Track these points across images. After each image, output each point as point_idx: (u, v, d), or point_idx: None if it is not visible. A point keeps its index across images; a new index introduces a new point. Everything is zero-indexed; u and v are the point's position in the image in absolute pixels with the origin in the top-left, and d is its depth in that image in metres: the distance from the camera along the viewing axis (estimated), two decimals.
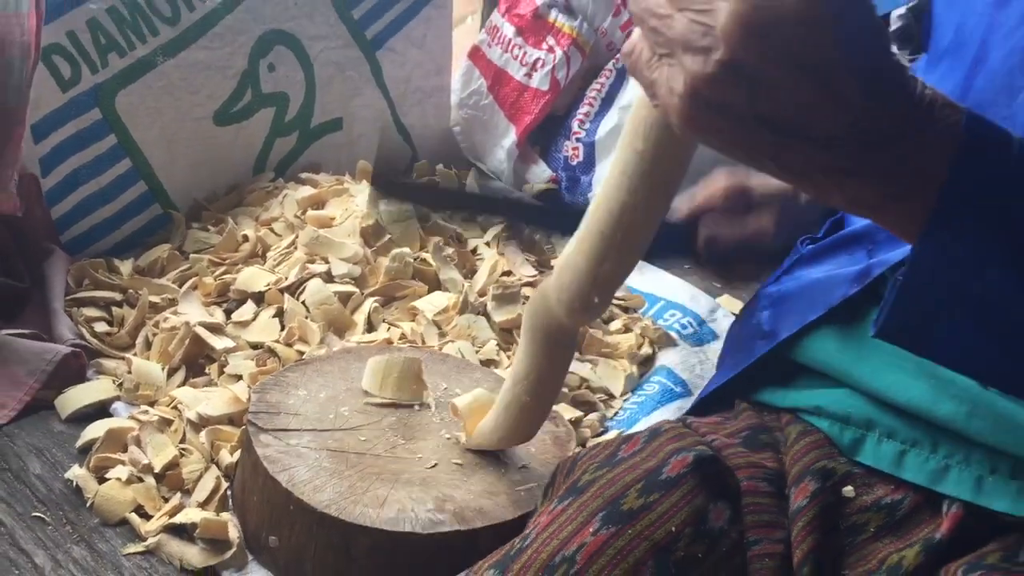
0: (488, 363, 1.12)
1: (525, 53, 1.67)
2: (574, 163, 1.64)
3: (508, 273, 1.28)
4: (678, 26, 0.47)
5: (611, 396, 1.16)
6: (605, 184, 0.63)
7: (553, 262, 1.23)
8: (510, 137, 1.67)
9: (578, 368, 1.17)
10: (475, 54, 1.73)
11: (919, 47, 0.92)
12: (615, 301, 1.33)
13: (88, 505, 0.94)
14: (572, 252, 0.67)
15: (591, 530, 0.69)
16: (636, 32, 0.51)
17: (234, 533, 0.90)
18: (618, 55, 1.68)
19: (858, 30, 0.46)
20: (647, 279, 1.41)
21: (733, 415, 0.85)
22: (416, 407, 0.95)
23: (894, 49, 0.50)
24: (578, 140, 1.64)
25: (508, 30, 1.69)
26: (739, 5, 0.44)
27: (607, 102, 1.64)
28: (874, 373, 0.76)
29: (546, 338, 0.76)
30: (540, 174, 1.66)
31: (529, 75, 1.66)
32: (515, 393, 0.81)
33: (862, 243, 0.83)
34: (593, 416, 1.12)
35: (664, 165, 0.58)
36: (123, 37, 1.29)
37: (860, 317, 0.80)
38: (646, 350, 1.24)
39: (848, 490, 0.75)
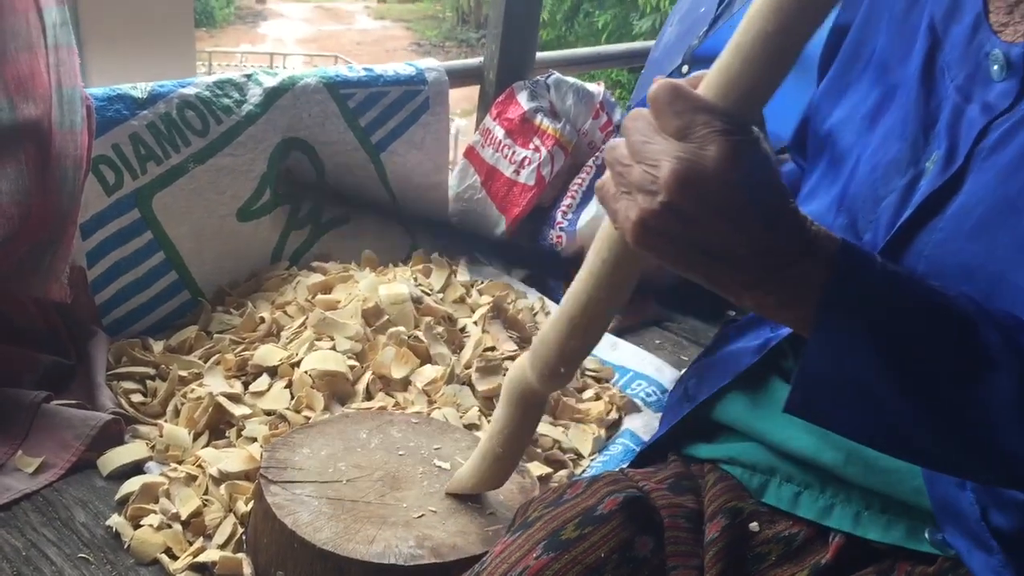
0: (470, 427, 1.28)
1: (514, 152, 1.87)
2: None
3: (492, 348, 1.45)
4: (635, 174, 0.65)
5: (580, 456, 1.32)
6: (576, 280, 0.81)
7: (533, 338, 1.40)
8: (501, 227, 1.86)
9: (552, 431, 1.33)
10: (470, 153, 1.93)
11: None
12: (589, 372, 1.50)
13: (125, 548, 1.10)
14: (546, 331, 0.85)
15: (534, 556, 0.84)
16: (607, 173, 0.70)
17: (248, 569, 1.06)
18: (597, 153, 1.88)
19: (762, 185, 0.65)
20: (620, 353, 1.58)
21: (665, 466, 1.01)
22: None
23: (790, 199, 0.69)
24: (561, 229, 1.82)
25: (499, 132, 1.89)
26: (676, 164, 0.63)
27: (587, 195, 1.83)
28: (773, 428, 0.93)
29: (520, 400, 0.93)
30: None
31: (517, 172, 1.86)
32: (490, 445, 0.98)
33: (767, 322, 1.00)
34: (562, 472, 1.28)
35: (622, 271, 0.77)
36: (160, 148, 1.49)
37: (762, 381, 0.97)
38: (613, 415, 1.40)
39: (754, 526, 0.91)
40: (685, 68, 1.78)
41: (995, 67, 0.85)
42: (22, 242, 1.33)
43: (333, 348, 1.36)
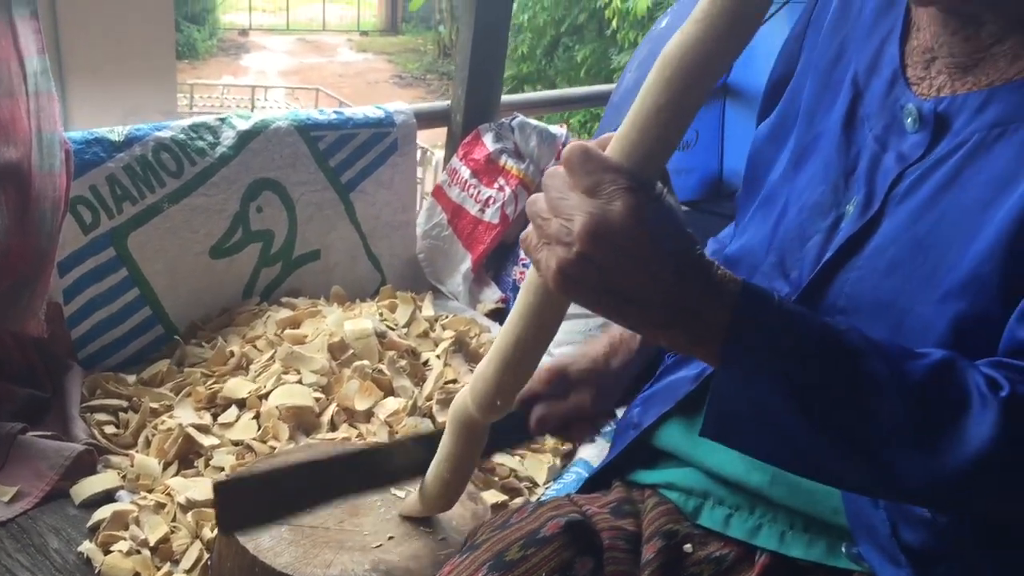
0: None
1: (480, 192, 1.94)
2: (521, 286, 1.89)
3: (453, 381, 1.52)
4: (552, 227, 0.73)
5: (535, 484, 1.39)
6: (507, 322, 0.88)
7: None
8: (466, 263, 1.93)
9: (508, 460, 1.39)
10: (437, 192, 2.00)
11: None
12: None
13: (96, 573, 1.16)
14: (483, 366, 0.92)
15: (480, 575, 0.91)
16: (530, 225, 0.77)
17: None
18: None
19: (667, 234, 0.72)
20: None
21: (609, 491, 1.08)
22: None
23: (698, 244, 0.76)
24: (524, 265, 1.89)
25: (465, 172, 1.97)
26: (587, 219, 0.70)
27: None
28: (707, 454, 1.00)
29: (463, 429, 0.99)
30: (491, 295, 1.92)
31: (483, 210, 1.93)
32: (438, 471, 1.04)
33: None
34: (518, 500, 1.34)
35: (548, 313, 0.84)
36: (135, 188, 1.56)
37: (699, 409, 1.04)
38: (568, 445, 1.46)
39: (688, 547, 0.97)
40: None
41: (909, 119, 0.93)
42: (1, 279, 1.38)
43: (300, 381, 1.42)
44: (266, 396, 1.40)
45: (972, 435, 0.72)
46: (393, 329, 1.58)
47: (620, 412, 1.13)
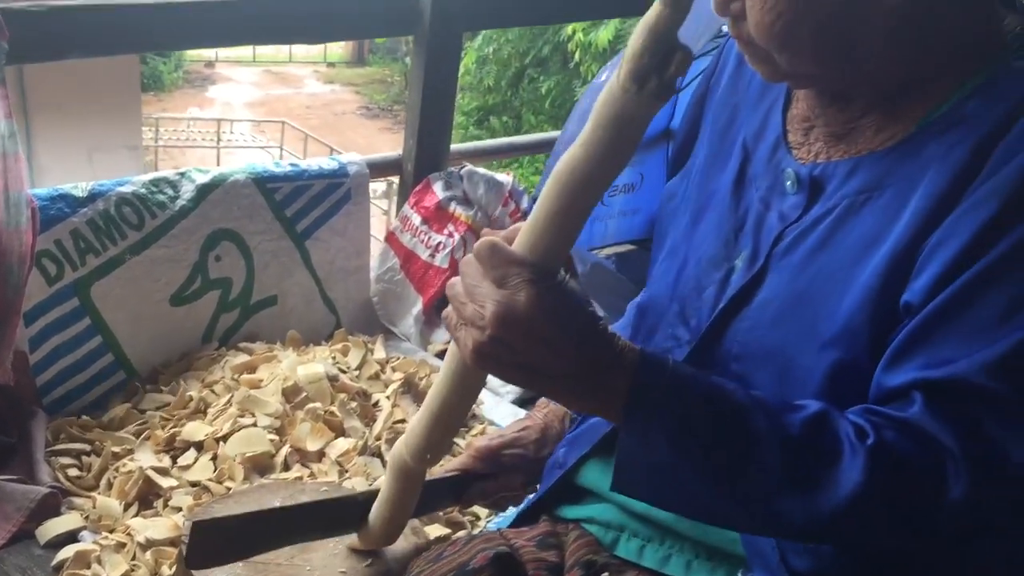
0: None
1: (430, 238, 2.05)
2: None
3: (402, 421, 1.61)
4: (468, 311, 0.83)
5: (478, 517, 1.48)
6: (435, 384, 0.98)
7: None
8: (418, 306, 2.02)
9: None
10: (390, 238, 2.10)
11: None
12: None
13: None
14: (415, 422, 1.02)
15: None
16: (450, 305, 0.88)
17: None
18: None
19: (569, 317, 0.83)
20: None
21: (536, 525, 1.18)
22: None
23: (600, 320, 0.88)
24: None
25: (416, 219, 2.07)
26: (496, 307, 0.81)
27: None
28: None
29: (400, 475, 1.09)
30: (441, 336, 2.01)
31: (433, 255, 2.03)
32: (380, 511, 1.14)
33: None
34: (461, 533, 1.43)
35: (469, 380, 0.94)
36: (98, 241, 1.64)
37: (614, 451, 1.15)
38: None
39: (605, 575, 1.07)
40: None
41: (788, 182, 1.04)
42: None
43: (255, 424, 1.51)
44: (223, 439, 1.48)
45: (844, 480, 0.83)
46: (345, 372, 1.67)
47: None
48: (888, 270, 0.90)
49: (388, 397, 1.65)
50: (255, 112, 14.87)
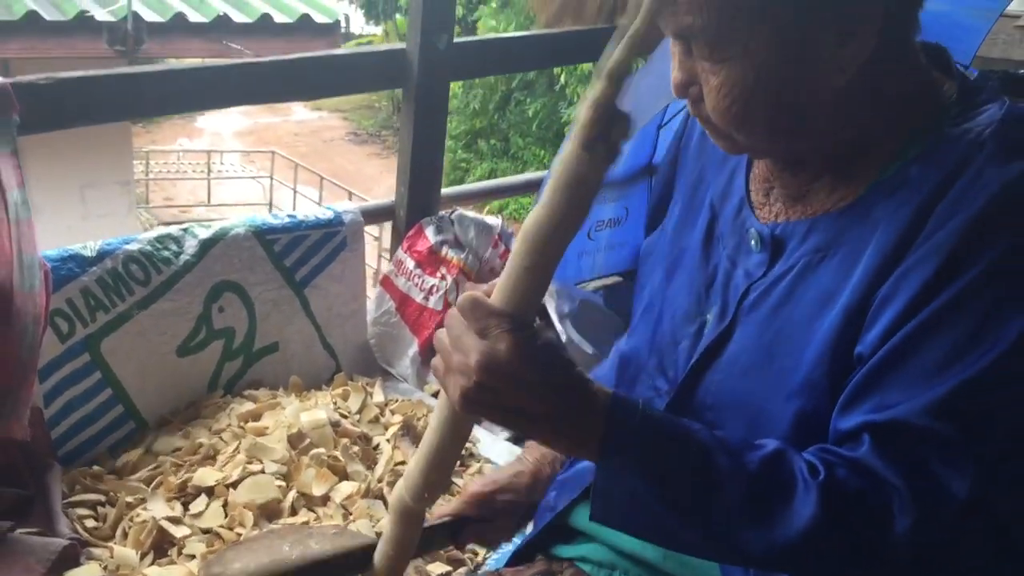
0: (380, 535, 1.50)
1: (424, 281, 2.13)
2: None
3: (402, 462, 1.68)
4: (455, 360, 0.92)
5: (476, 554, 1.55)
6: (429, 429, 1.06)
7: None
8: (414, 347, 2.10)
9: None
10: (385, 282, 2.18)
11: None
12: None
13: None
14: (412, 465, 1.09)
15: None
16: (439, 355, 0.96)
17: None
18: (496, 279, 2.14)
19: (547, 363, 0.91)
20: None
21: (532, 564, 1.25)
22: None
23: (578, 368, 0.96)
24: None
25: (410, 263, 2.15)
26: (479, 357, 0.89)
27: None
28: (611, 533, 1.18)
29: (401, 515, 1.16)
30: None
31: (427, 298, 2.11)
32: (383, 549, 1.21)
33: None
34: (461, 570, 1.50)
35: (459, 424, 1.02)
36: (107, 298, 1.72)
37: None
38: None
39: None
40: None
41: (752, 241, 1.12)
42: None
43: (263, 470, 1.58)
44: (233, 485, 1.56)
45: (798, 513, 0.91)
46: (346, 417, 1.75)
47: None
48: (843, 324, 0.99)
49: (388, 440, 1.73)
50: (244, 141, 14.94)
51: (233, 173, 11.95)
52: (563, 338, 1.99)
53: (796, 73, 0.96)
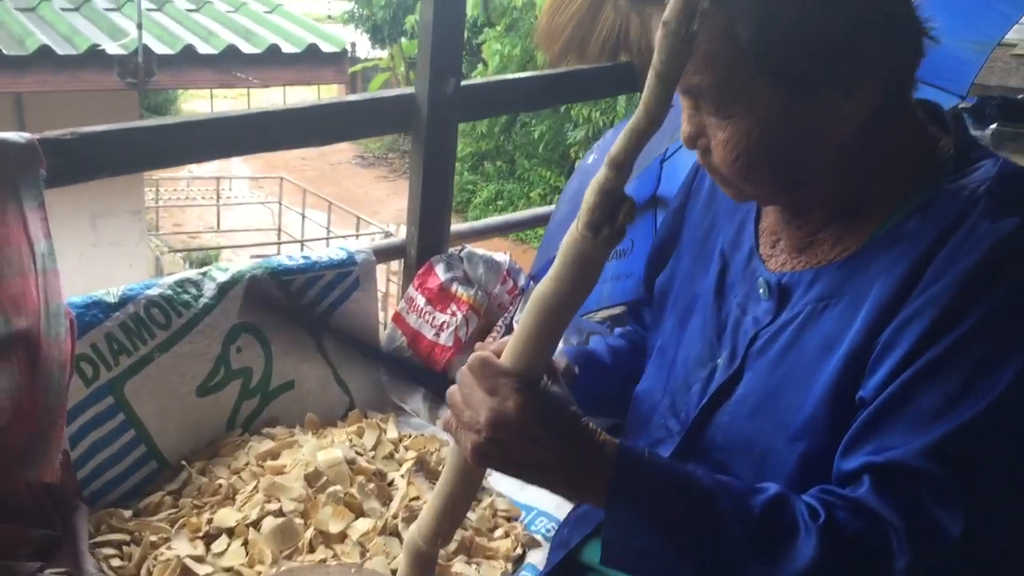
0: (395, 572, 1.55)
1: (434, 318, 2.18)
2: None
3: (416, 498, 1.73)
4: (466, 416, 0.97)
5: None
6: (442, 478, 1.12)
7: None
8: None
9: (466, 569, 1.61)
10: (397, 318, 2.24)
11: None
12: (500, 513, 1.79)
13: None
14: (426, 511, 1.15)
15: None
16: (451, 411, 1.01)
17: None
18: (506, 314, 2.20)
19: (555, 418, 0.97)
20: (527, 493, 1.87)
21: None
22: None
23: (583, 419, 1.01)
24: None
25: (420, 300, 2.20)
26: (489, 414, 0.95)
27: None
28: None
29: (414, 557, 1.22)
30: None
31: (438, 335, 2.16)
32: None
33: None
34: None
35: (471, 475, 1.08)
36: (130, 342, 1.78)
37: None
38: (518, 551, 1.68)
39: None
40: None
41: (761, 290, 1.18)
42: (18, 433, 1.59)
43: (281, 509, 1.63)
44: (253, 524, 1.61)
45: (800, 555, 0.96)
46: (361, 454, 1.80)
47: None
48: (845, 369, 1.04)
49: (403, 476, 1.78)
50: (252, 165, 15.06)
51: (242, 199, 12.06)
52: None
53: (799, 128, 1.02)
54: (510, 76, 2.32)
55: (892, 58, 0.99)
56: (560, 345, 2.20)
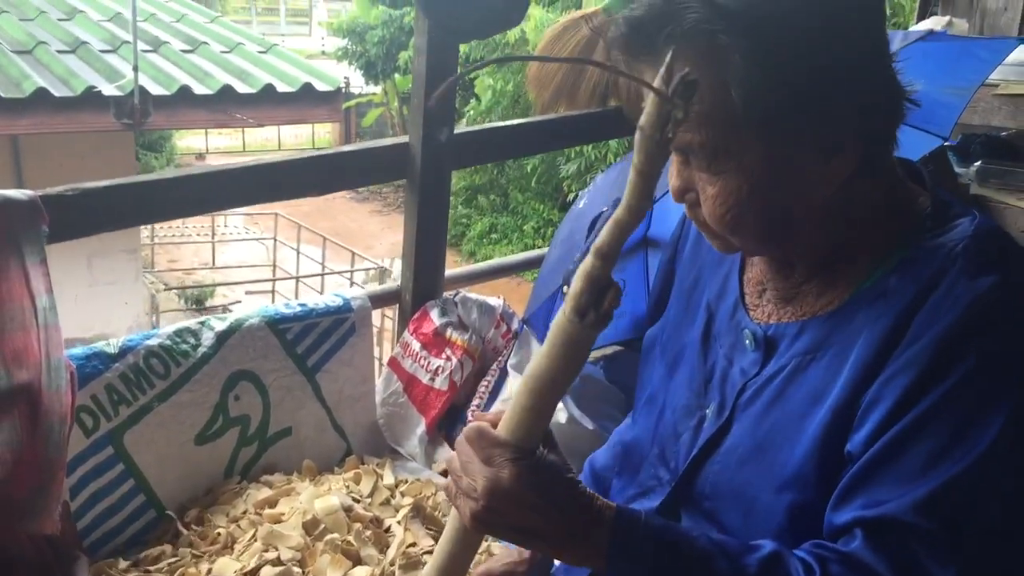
0: None
1: (429, 362, 2.21)
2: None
3: (413, 544, 1.75)
4: (464, 483, 1.00)
5: None
6: (442, 542, 1.14)
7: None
8: (421, 427, 2.18)
9: None
10: (393, 363, 2.27)
11: None
12: None
13: None
14: (428, 571, 1.17)
15: None
16: (450, 476, 1.04)
17: None
18: (500, 358, 2.23)
19: (551, 486, 0.99)
20: None
21: None
22: None
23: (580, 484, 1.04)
24: None
25: (416, 345, 2.23)
26: (486, 483, 0.97)
27: (493, 395, 2.17)
28: None
29: None
30: (445, 454, 2.16)
31: (433, 379, 2.19)
32: None
33: None
34: None
35: (468, 540, 1.10)
36: (129, 393, 1.80)
37: None
38: None
39: None
40: (565, 288, 2.16)
41: (747, 341, 1.20)
42: (19, 485, 1.61)
43: (279, 557, 1.65)
44: (251, 573, 1.62)
45: None
46: (358, 501, 1.82)
47: None
48: (831, 423, 1.07)
49: (399, 522, 1.80)
50: None
51: (237, 235, 12.09)
52: (564, 416, 2.07)
53: (785, 186, 1.06)
54: (501, 124, 2.37)
55: (874, 122, 1.03)
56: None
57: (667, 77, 0.84)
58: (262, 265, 11.01)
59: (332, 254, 10.50)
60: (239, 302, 10.21)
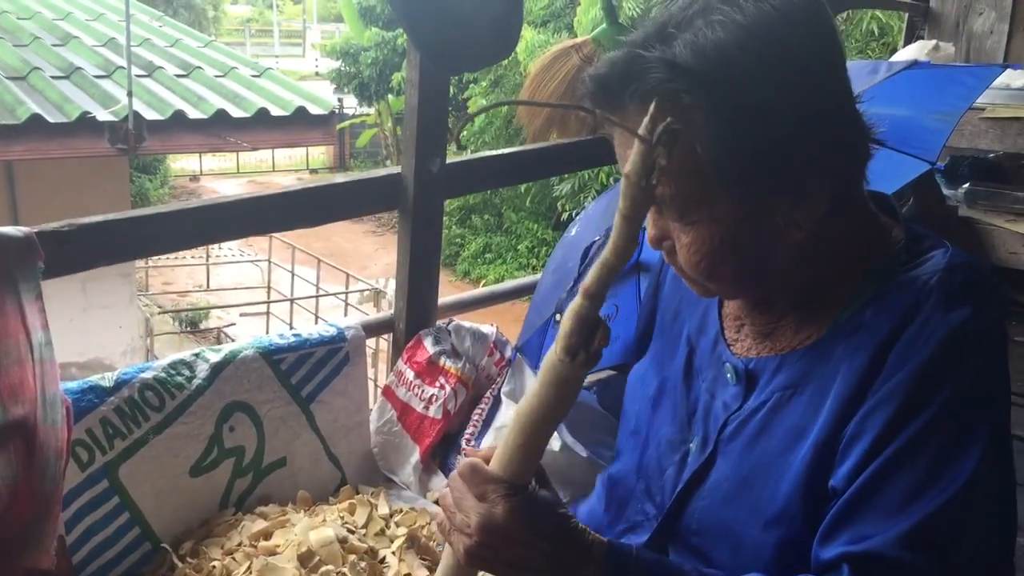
0: None
1: (423, 391, 2.22)
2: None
3: (408, 575, 1.76)
4: (457, 519, 1.02)
5: None
6: (440, 568, 1.15)
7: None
8: (415, 455, 2.19)
9: None
10: (387, 392, 2.28)
11: None
12: None
13: None
14: None
15: None
16: (443, 514, 1.06)
17: None
18: (494, 385, 2.24)
19: (542, 522, 1.01)
20: None
21: None
22: None
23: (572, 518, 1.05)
24: (466, 455, 2.16)
25: (410, 374, 2.24)
26: (479, 519, 0.99)
27: (487, 424, 2.18)
28: None
29: None
30: (439, 483, 2.17)
31: (427, 407, 2.20)
32: None
33: None
34: None
35: (463, 573, 1.11)
36: (124, 426, 1.81)
37: None
38: None
39: None
40: (558, 316, 2.18)
41: (728, 375, 1.23)
42: (14, 521, 1.61)
43: None
44: None
45: None
46: (353, 532, 1.83)
47: None
48: (814, 459, 1.09)
49: (394, 553, 1.81)
50: None
51: (231, 257, 12.11)
52: (557, 444, 2.08)
53: (758, 233, 1.08)
54: (493, 153, 2.40)
55: (841, 164, 1.06)
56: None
57: (651, 126, 0.87)
58: (257, 287, 11.03)
59: (327, 275, 10.53)
60: (234, 324, 10.22)
